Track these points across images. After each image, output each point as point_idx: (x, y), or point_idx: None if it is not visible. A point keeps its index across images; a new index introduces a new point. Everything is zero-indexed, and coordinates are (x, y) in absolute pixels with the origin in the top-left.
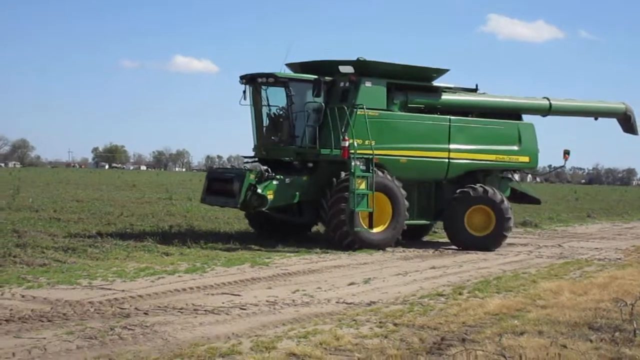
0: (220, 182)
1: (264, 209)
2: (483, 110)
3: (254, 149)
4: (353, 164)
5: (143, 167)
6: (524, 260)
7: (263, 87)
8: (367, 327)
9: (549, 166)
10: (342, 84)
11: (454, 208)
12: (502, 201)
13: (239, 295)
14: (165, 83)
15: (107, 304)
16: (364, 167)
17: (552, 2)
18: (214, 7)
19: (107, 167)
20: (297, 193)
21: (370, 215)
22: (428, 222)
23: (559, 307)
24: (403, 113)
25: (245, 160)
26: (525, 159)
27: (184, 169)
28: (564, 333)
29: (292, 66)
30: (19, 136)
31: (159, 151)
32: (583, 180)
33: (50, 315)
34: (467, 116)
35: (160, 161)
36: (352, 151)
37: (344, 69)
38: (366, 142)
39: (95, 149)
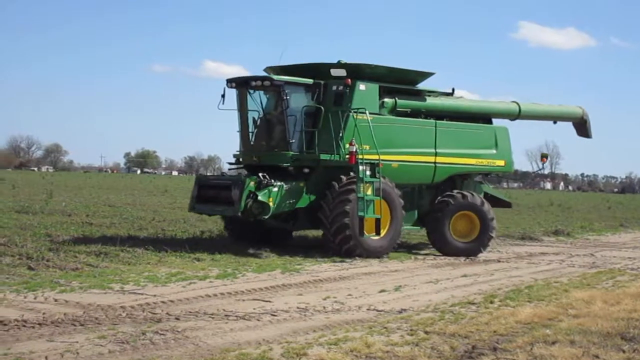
0: (214, 189)
1: (265, 217)
2: (464, 114)
3: (240, 155)
4: (361, 169)
5: (175, 173)
6: (555, 269)
7: (251, 91)
8: (398, 334)
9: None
10: (335, 87)
11: (441, 212)
12: (493, 219)
13: (269, 301)
14: (197, 88)
15: (139, 309)
16: (369, 173)
17: (583, 9)
18: (242, 11)
19: (138, 172)
20: (296, 200)
21: (377, 221)
22: (412, 228)
23: (591, 316)
24: (395, 117)
25: (230, 167)
26: (502, 162)
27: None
28: (596, 343)
29: (273, 69)
30: (52, 140)
31: (191, 157)
32: (616, 189)
33: (82, 320)
34: (442, 119)
35: (192, 167)
36: (359, 156)
37: (336, 72)
38: (365, 146)
39: (127, 154)
